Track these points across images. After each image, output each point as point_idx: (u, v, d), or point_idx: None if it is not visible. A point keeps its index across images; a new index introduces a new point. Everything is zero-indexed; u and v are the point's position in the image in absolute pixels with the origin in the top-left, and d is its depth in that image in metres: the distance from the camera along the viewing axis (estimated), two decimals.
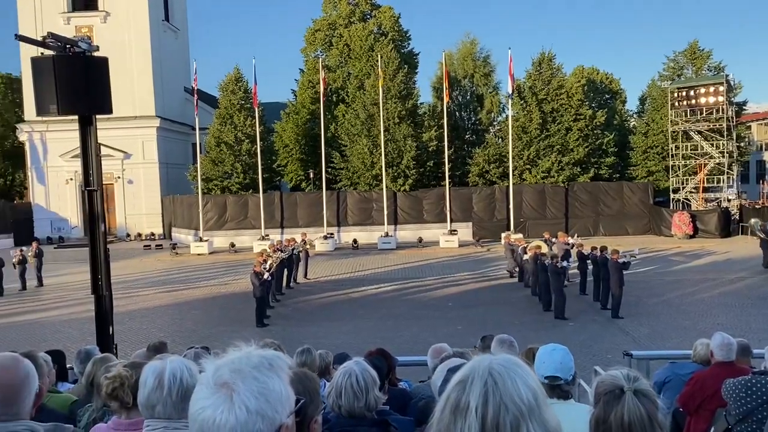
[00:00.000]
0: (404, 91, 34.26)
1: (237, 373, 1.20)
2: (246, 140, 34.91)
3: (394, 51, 35.16)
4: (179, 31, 45.02)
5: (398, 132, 33.12)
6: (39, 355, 3.72)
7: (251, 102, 33.94)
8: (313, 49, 39.77)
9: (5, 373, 2.14)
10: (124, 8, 38.85)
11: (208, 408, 1.17)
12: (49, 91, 7.21)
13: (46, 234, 38.26)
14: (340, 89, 37.60)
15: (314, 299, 19.66)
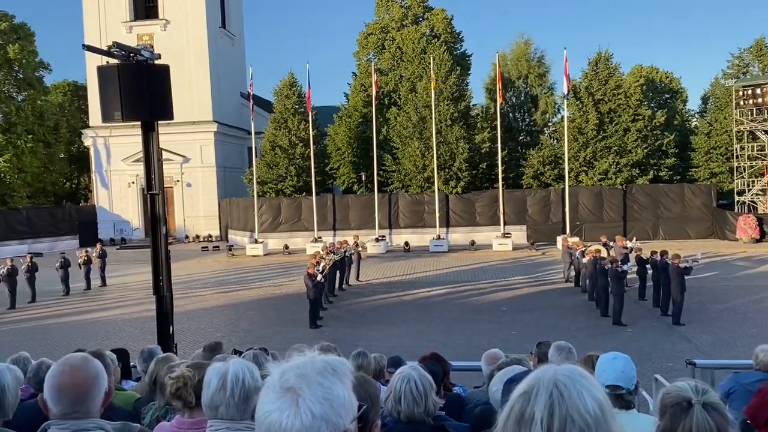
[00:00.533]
0: (457, 93, 34.11)
1: (302, 378, 1.21)
2: (300, 144, 35.43)
3: (447, 53, 35.05)
4: (235, 37, 46.11)
5: (450, 134, 32.98)
6: (106, 354, 3.86)
7: (305, 106, 34.44)
8: (365, 53, 40.06)
9: (76, 372, 2.22)
10: (183, 16, 40.05)
11: (274, 412, 1.18)
12: (114, 99, 7.49)
13: (109, 235, 39.76)
14: (392, 92, 37.74)
15: (366, 301, 19.75)
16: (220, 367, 2.25)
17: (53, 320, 18.95)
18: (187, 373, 2.70)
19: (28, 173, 41.30)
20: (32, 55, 42.61)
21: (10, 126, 40.65)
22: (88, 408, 2.19)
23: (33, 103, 42.19)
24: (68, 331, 17.28)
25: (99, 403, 2.23)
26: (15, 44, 40.83)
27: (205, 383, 2.24)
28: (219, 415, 2.17)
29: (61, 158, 46.56)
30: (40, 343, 15.09)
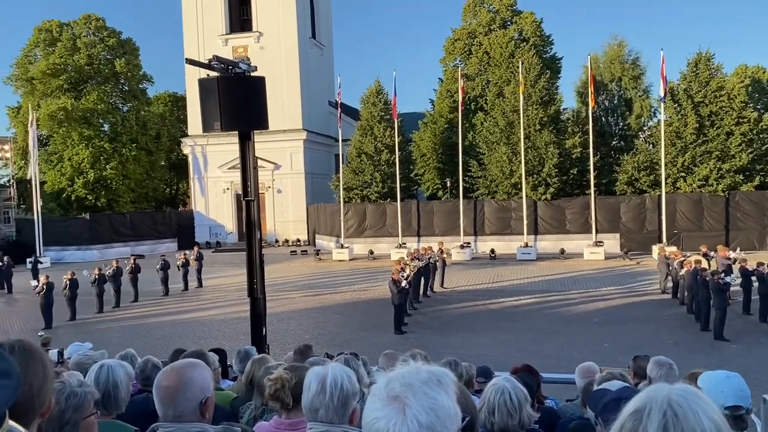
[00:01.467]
0: (546, 97, 33.35)
1: (408, 388, 1.23)
2: (385, 150, 35.78)
3: (536, 56, 34.38)
4: (325, 47, 47.24)
5: (539, 139, 32.27)
6: (208, 354, 4.04)
7: (391, 113, 34.77)
8: (452, 59, 39.97)
9: (171, 374, 2.32)
10: (276, 28, 41.48)
11: (381, 419, 1.20)
12: (213, 109, 7.84)
13: (205, 239, 41.64)
14: (479, 97, 37.42)
15: (451, 309, 19.63)
16: (319, 371, 2.30)
17: (154, 319, 20.05)
18: (285, 375, 2.78)
19: (132, 179, 44.03)
20: (137, 69, 45.50)
21: (116, 135, 43.52)
22: (176, 411, 2.26)
23: (137, 114, 45.00)
24: (168, 329, 18.23)
25: (191, 407, 2.28)
26: (122, 59, 43.73)
27: (305, 386, 2.29)
28: (318, 417, 2.22)
29: (162, 165, 49.33)
30: (142, 341, 16.00)
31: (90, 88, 43.26)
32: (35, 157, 38.06)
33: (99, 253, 37.48)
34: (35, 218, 36.86)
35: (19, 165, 43.70)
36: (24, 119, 41.43)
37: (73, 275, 20.63)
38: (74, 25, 43.79)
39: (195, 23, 42.64)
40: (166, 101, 52.64)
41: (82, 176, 41.64)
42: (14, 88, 44.56)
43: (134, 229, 40.84)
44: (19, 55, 44.09)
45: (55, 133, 42.04)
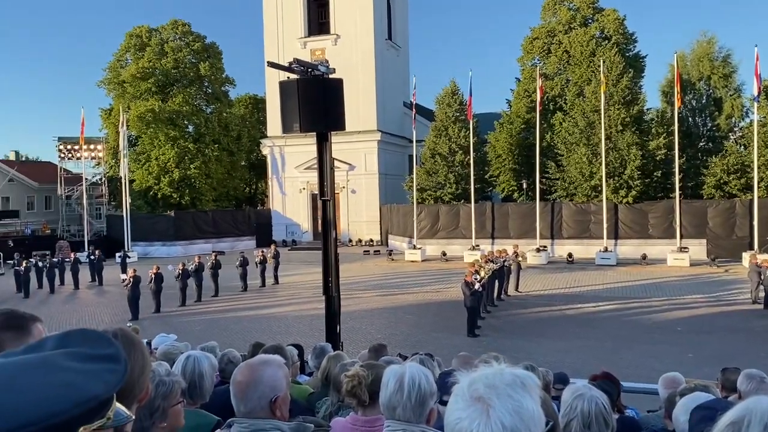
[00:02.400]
0: (629, 97, 32.17)
1: (492, 389, 1.22)
2: (459, 151, 35.54)
3: (618, 55, 33.21)
4: (401, 48, 47.45)
5: (621, 140, 31.16)
6: (286, 349, 4.14)
7: (466, 114, 34.50)
8: (530, 58, 39.23)
9: (245, 369, 2.37)
10: (353, 31, 42.03)
11: (464, 420, 1.20)
12: (293, 111, 8.03)
13: (282, 237, 42.69)
14: (558, 97, 36.56)
15: (526, 313, 19.26)
16: (397, 369, 2.31)
17: (232, 313, 20.75)
18: (361, 372, 2.81)
19: (214, 179, 45.74)
20: (219, 72, 47.25)
21: (200, 136, 45.34)
22: (246, 407, 2.29)
23: (219, 115, 46.73)
24: (245, 324, 18.82)
25: (262, 405, 2.29)
26: (206, 62, 45.52)
27: (382, 384, 2.31)
28: (396, 416, 2.23)
29: (242, 165, 50.98)
30: (221, 334, 16.58)
31: (176, 90, 45.27)
32: (125, 157, 40.19)
33: (183, 249, 39.15)
34: (124, 215, 38.91)
35: (110, 164, 46.22)
36: (115, 120, 43.82)
37: (158, 269, 21.63)
38: (162, 30, 45.97)
39: (275, 27, 43.81)
40: (246, 103, 54.35)
41: (168, 175, 43.62)
42: (107, 91, 47.22)
43: (215, 226, 42.38)
44: (112, 59, 46.72)
45: (144, 134, 44.25)
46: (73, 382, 0.84)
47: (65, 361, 0.88)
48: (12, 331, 1.68)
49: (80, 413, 0.83)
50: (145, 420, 2.29)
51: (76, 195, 45.92)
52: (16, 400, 0.79)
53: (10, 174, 47.70)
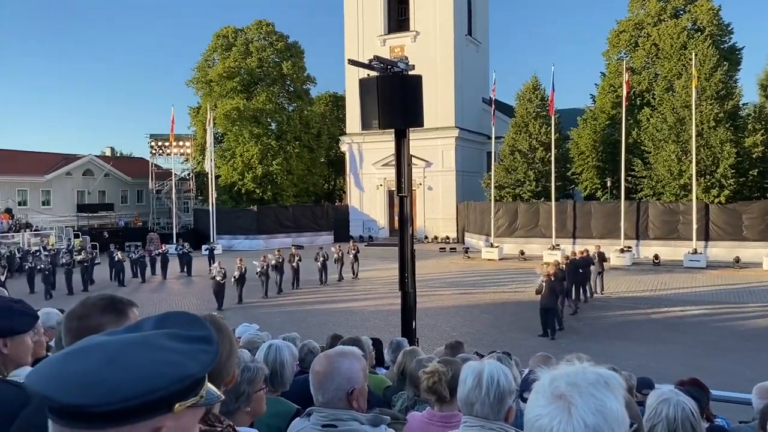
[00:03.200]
0: (723, 91, 30.43)
1: (574, 387, 1.20)
2: (540, 148, 34.78)
3: (712, 47, 31.48)
4: (480, 44, 46.92)
5: (714, 137, 29.53)
6: (363, 340, 4.21)
7: (547, 109, 33.70)
8: (616, 52, 37.86)
9: (323, 360, 2.41)
10: (432, 27, 41.92)
11: (545, 417, 1.18)
12: (372, 108, 8.12)
13: (359, 233, 43.21)
14: (645, 92, 35.09)
15: (609, 316, 18.63)
16: (476, 366, 2.30)
17: (311, 306, 21.22)
18: (441, 368, 2.81)
19: (295, 175, 46.91)
20: (301, 70, 48.34)
21: (282, 133, 46.58)
22: (324, 396, 2.33)
23: (301, 113, 47.83)
24: (323, 317, 19.20)
25: (339, 396, 2.33)
26: (288, 61, 46.70)
27: (460, 380, 2.30)
28: (474, 412, 2.22)
29: (321, 162, 51.99)
30: (300, 326, 16.97)
31: (260, 89, 46.68)
32: (211, 153, 41.85)
33: (264, 243, 40.36)
34: (210, 209, 40.55)
35: (198, 160, 48.23)
36: (203, 118, 45.71)
37: (242, 262, 22.41)
38: (247, 30, 47.51)
39: (356, 25, 44.33)
40: (326, 101, 55.32)
41: (251, 171, 45.08)
42: (195, 89, 49.33)
43: (295, 221, 43.40)
44: (200, 59, 48.73)
45: (229, 131, 45.91)
46: (171, 361, 0.90)
47: (164, 340, 0.94)
48: (112, 315, 1.82)
49: (177, 390, 0.89)
50: (231, 404, 2.38)
51: (165, 189, 48.27)
52: (121, 375, 0.85)
53: (106, 169, 50.67)
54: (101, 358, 0.88)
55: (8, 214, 40.25)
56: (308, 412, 2.43)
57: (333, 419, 2.31)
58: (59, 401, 0.83)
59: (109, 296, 1.97)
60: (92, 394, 0.83)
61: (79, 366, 0.86)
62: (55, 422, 0.87)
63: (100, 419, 0.84)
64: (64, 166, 47.96)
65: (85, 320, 1.80)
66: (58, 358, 0.91)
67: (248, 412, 2.51)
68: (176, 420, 0.91)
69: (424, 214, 42.36)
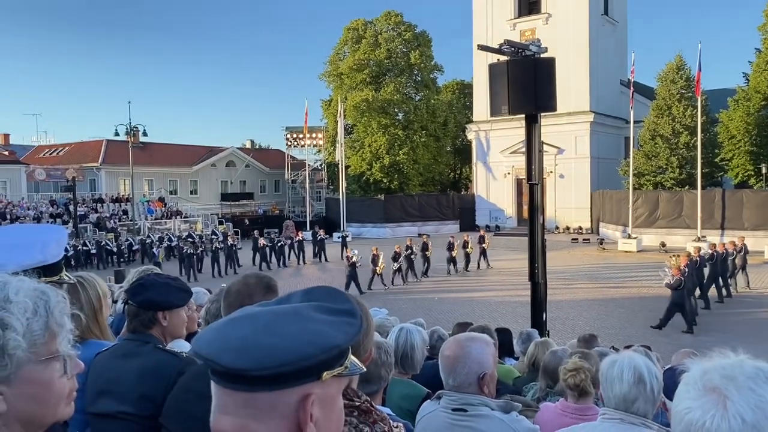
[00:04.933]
0: None
1: (729, 381, 1.12)
2: (684, 132, 32.39)
3: None
4: (618, 23, 44.36)
5: None
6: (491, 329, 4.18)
7: (693, 90, 31.24)
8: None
9: (452, 344, 2.42)
10: (566, 8, 40.21)
11: (695, 410, 1.12)
12: (502, 94, 7.98)
13: (485, 222, 42.68)
14: None
15: (760, 312, 17.05)
16: (630, 361, 2.18)
17: (437, 294, 21.33)
18: (585, 365, 2.73)
19: (421, 164, 47.24)
20: (429, 60, 48.41)
21: (409, 123, 47.03)
22: (455, 381, 2.35)
23: (427, 102, 47.97)
24: (449, 305, 19.24)
25: (470, 380, 2.34)
26: (416, 51, 46.94)
27: (614, 376, 2.19)
28: (634, 410, 2.12)
29: (447, 151, 51.91)
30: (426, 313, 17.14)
31: (388, 80, 47.37)
32: (342, 144, 43.19)
33: (391, 231, 41.09)
34: (340, 198, 41.92)
35: (329, 151, 49.99)
36: (334, 110, 47.22)
37: (377, 251, 22.67)
38: (377, 22, 48.30)
39: (484, 10, 43.59)
40: (453, 89, 55.02)
41: (379, 161, 45.99)
42: (327, 83, 51.08)
43: (421, 210, 43.74)
44: (332, 53, 50.33)
45: (358, 123, 47.09)
46: (320, 331, 0.95)
47: (311, 312, 0.99)
48: (266, 291, 2.01)
49: (326, 359, 0.94)
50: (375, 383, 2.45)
51: (300, 179, 50.54)
52: (275, 342, 0.92)
53: (247, 160, 53.98)
54: (257, 326, 0.95)
55: (161, 202, 44.16)
56: (438, 395, 2.46)
57: (463, 403, 2.32)
58: (221, 364, 0.91)
59: (263, 275, 2.18)
60: (251, 359, 0.90)
61: (238, 332, 0.94)
62: (216, 383, 0.96)
63: (257, 382, 0.91)
64: (210, 157, 51.75)
65: (244, 294, 1.98)
66: (219, 325, 0.99)
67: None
68: (323, 388, 0.97)
69: (555, 203, 40.96)
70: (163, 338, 2.37)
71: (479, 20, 43.88)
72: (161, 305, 2.34)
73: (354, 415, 1.47)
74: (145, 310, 2.32)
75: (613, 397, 2.14)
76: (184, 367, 2.13)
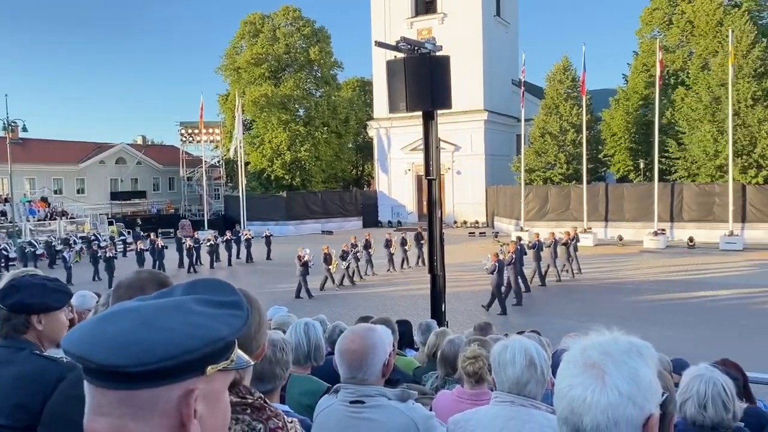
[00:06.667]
0: (761, 69, 29.52)
1: (607, 356, 1.19)
2: (571, 130, 34.28)
3: (750, 23, 30.53)
4: (509, 24, 46.22)
5: (751, 116, 28.72)
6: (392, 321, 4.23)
7: (578, 90, 33.15)
8: (649, 30, 36.98)
9: (356, 339, 2.40)
10: (460, 8, 41.39)
11: (577, 386, 1.17)
12: (399, 91, 8.08)
13: (387, 218, 43.25)
14: (680, 71, 34.28)
15: (641, 300, 18.38)
16: (521, 345, 2.26)
17: (341, 292, 21.34)
18: (482, 352, 2.80)
19: (323, 161, 47.08)
20: (328, 56, 48.28)
21: (310, 119, 46.73)
22: (364, 375, 2.34)
23: (328, 99, 47.87)
24: (352, 301, 19.33)
25: (376, 371, 2.35)
26: (315, 46, 46.68)
27: (506, 360, 2.26)
28: (526, 392, 2.20)
29: (349, 148, 52.06)
30: (329, 310, 17.13)
31: (287, 75, 46.82)
32: (241, 140, 42.21)
33: (294, 229, 40.68)
34: (240, 196, 40.98)
35: (227, 147, 48.72)
36: (231, 105, 46.07)
37: (328, 249, 21.67)
38: (274, 16, 47.56)
39: (382, 8, 44.03)
40: (354, 86, 55.23)
41: (280, 157, 45.37)
42: (224, 77, 49.71)
43: (324, 207, 43.62)
44: (228, 47, 49.02)
45: (258, 118, 46.21)
46: (204, 324, 0.91)
47: (194, 305, 0.95)
48: (158, 285, 1.89)
49: (210, 352, 0.90)
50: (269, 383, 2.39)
51: (196, 176, 48.88)
52: (156, 336, 0.87)
53: (138, 157, 51.51)
54: (135, 321, 0.89)
55: (44, 202, 41.25)
56: (336, 389, 2.44)
57: (361, 395, 2.32)
58: (96, 362, 0.85)
59: (157, 271, 2.07)
60: (128, 355, 0.84)
61: (113, 328, 0.88)
62: (90, 383, 0.89)
63: (136, 379, 0.86)
64: (98, 154, 48.91)
65: (136, 287, 1.86)
66: (93, 321, 0.93)
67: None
68: (208, 383, 0.93)
69: (453, 199, 42.15)
70: (40, 343, 2.21)
71: (377, 18, 44.27)
72: (35, 308, 2.17)
73: (247, 413, 1.43)
74: (17, 314, 2.15)
75: (507, 380, 2.22)
76: (64, 372, 2.00)
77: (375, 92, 45.00)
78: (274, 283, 22.69)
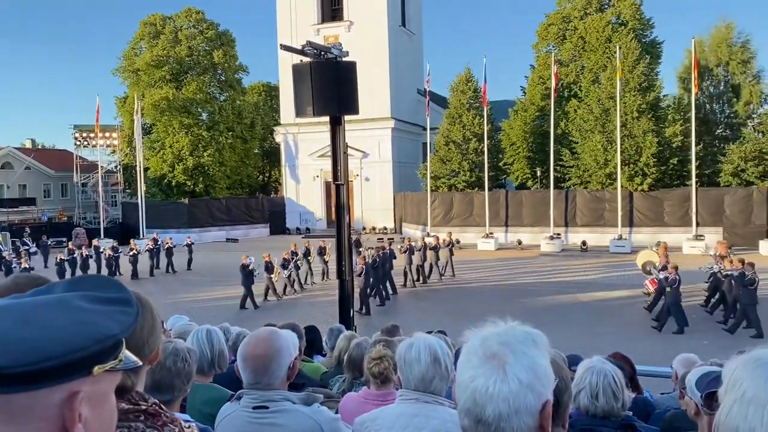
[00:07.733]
0: (645, 83, 31.79)
1: (506, 346, 1.22)
2: (473, 139, 35.40)
3: (634, 41, 32.81)
4: (414, 35, 47.15)
5: (637, 127, 30.85)
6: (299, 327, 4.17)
7: (480, 101, 34.30)
8: (545, 44, 38.88)
9: (260, 344, 2.35)
10: (366, 17, 41.76)
11: (479, 377, 1.19)
12: (306, 95, 8.03)
13: (295, 225, 42.81)
14: (573, 84, 36.25)
15: (538, 301, 19.22)
16: (424, 343, 2.27)
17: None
18: (388, 353, 2.81)
19: (228, 167, 45.92)
20: (233, 59, 47.23)
21: (214, 124, 45.49)
22: (270, 379, 2.30)
23: (233, 103, 46.79)
24: (259, 311, 18.94)
25: (282, 375, 2.32)
26: (219, 50, 45.54)
27: (411, 358, 2.26)
28: (432, 389, 2.22)
29: (256, 153, 51.10)
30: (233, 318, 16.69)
31: (190, 78, 45.35)
32: (140, 145, 40.42)
33: (197, 236, 39.23)
34: (139, 202, 39.20)
35: (125, 152, 46.51)
36: (130, 108, 44.01)
37: (269, 257, 21.05)
38: (176, 18, 45.99)
39: (288, 14, 43.65)
40: (260, 91, 54.36)
41: (182, 163, 43.83)
42: (122, 79, 47.41)
43: (229, 214, 42.54)
44: (127, 48, 46.87)
45: (158, 122, 44.45)
46: (90, 321, 0.85)
47: (79, 302, 0.88)
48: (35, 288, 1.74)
49: (98, 351, 0.84)
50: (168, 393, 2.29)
51: (91, 182, 46.30)
52: (37, 335, 0.80)
53: (27, 162, 48.20)
54: (14, 319, 0.82)
55: None
56: (238, 395, 2.37)
57: (265, 400, 2.27)
58: None
59: (38, 275, 1.89)
60: (9, 355, 0.77)
61: None
62: None
63: (16, 381, 0.78)
64: None
65: (10, 291, 1.70)
66: None
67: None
68: (94, 384, 0.86)
69: (362, 205, 42.33)
70: None
71: (284, 23, 43.85)
72: None
73: (140, 420, 1.35)
74: None
75: (413, 378, 2.24)
76: None
77: (282, 97, 44.45)
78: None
